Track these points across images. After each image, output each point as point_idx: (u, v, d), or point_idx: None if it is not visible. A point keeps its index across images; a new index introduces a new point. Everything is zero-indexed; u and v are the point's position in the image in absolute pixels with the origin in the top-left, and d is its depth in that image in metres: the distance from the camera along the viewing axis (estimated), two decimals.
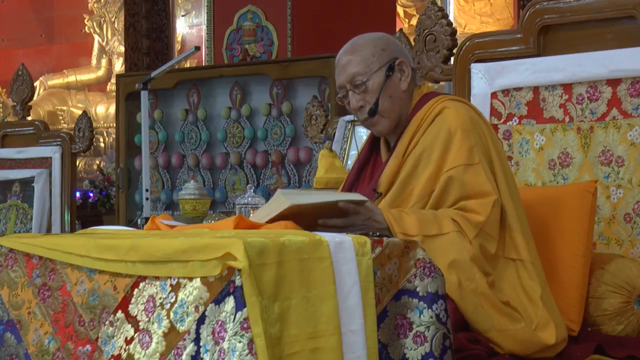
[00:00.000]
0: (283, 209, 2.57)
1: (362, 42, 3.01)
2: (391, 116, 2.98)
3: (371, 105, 2.95)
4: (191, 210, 4.98)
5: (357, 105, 2.98)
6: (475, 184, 2.80)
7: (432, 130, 2.89)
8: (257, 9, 7.06)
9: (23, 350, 2.53)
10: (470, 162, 2.81)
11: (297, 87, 6.62)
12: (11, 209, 6.15)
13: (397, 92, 2.98)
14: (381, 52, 2.98)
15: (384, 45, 3.00)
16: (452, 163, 2.82)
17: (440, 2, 8.16)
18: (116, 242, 2.35)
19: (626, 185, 3.23)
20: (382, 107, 2.96)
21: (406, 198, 2.86)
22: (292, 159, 6.55)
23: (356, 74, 2.96)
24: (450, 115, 2.88)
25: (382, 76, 2.96)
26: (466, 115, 2.89)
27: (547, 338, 2.73)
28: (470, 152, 2.82)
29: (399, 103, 2.98)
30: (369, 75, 2.95)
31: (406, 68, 2.99)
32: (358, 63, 2.96)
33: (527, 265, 2.80)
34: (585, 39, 3.45)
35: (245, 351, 2.05)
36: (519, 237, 2.82)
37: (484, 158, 2.84)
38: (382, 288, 2.32)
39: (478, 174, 2.81)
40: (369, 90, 2.96)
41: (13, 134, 6.27)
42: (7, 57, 9.87)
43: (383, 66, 2.96)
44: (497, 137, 3.01)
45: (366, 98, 2.97)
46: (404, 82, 2.99)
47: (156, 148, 7.18)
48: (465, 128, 2.85)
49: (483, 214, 2.76)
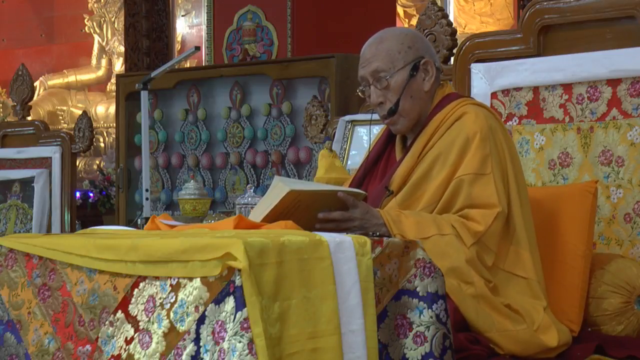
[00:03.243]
0: (282, 195, 2.57)
1: (389, 36, 2.95)
2: (411, 116, 2.94)
3: (391, 105, 2.91)
4: (191, 210, 4.97)
5: (377, 100, 2.94)
6: (482, 195, 2.77)
7: (450, 135, 2.85)
8: (257, 9, 7.05)
9: (23, 350, 2.53)
10: (482, 172, 2.78)
11: (297, 87, 6.61)
12: (11, 209, 6.15)
13: (419, 92, 2.93)
14: (407, 49, 2.92)
15: (411, 43, 2.93)
16: (464, 170, 2.79)
17: (440, 2, 8.16)
18: (116, 242, 2.35)
19: (626, 185, 3.22)
20: (402, 108, 2.91)
21: (417, 200, 2.84)
22: (292, 159, 6.54)
23: (379, 69, 2.91)
24: (469, 122, 2.84)
25: (405, 75, 2.91)
26: (485, 122, 2.85)
27: (548, 340, 2.72)
28: (484, 162, 2.79)
29: (420, 103, 2.94)
30: (392, 73, 2.90)
31: (431, 68, 2.93)
32: (383, 58, 2.90)
33: (532, 284, 2.79)
34: (585, 39, 3.45)
35: (245, 351, 2.05)
36: (527, 254, 2.80)
37: (498, 168, 2.81)
38: (382, 288, 2.32)
39: (487, 184, 2.78)
40: (390, 87, 2.91)
41: (13, 134, 6.26)
42: (7, 57, 9.86)
43: (407, 64, 2.91)
44: (515, 147, 2.97)
45: (387, 95, 2.92)
46: (427, 83, 2.93)
47: (156, 148, 7.17)
48: (483, 136, 2.81)
49: (483, 225, 2.73)
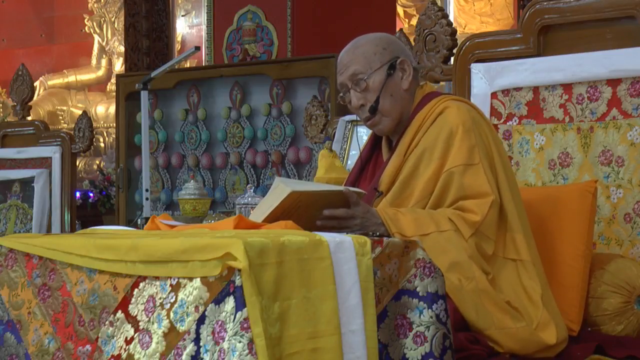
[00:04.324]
0: (284, 197, 2.56)
1: (364, 41, 3.01)
2: (392, 115, 2.98)
3: (372, 104, 2.95)
4: (191, 210, 4.97)
5: (358, 103, 2.98)
6: (474, 185, 2.80)
7: (434, 130, 2.89)
8: (257, 9, 7.05)
9: (23, 350, 2.53)
10: (471, 162, 2.82)
11: (297, 87, 6.61)
12: (11, 209, 6.15)
13: (399, 91, 2.98)
14: (382, 50, 2.98)
15: (385, 44, 3.00)
16: (452, 163, 2.82)
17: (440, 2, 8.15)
18: (116, 242, 2.35)
19: (626, 185, 3.22)
20: (382, 106, 2.96)
21: (407, 198, 2.87)
22: (292, 159, 6.54)
23: (357, 72, 2.96)
24: (451, 115, 2.88)
25: (383, 75, 2.96)
26: (467, 115, 2.89)
27: (547, 338, 2.73)
28: (471, 152, 2.83)
29: (400, 102, 2.98)
30: (369, 73, 2.95)
31: (408, 67, 2.99)
32: (359, 61, 2.96)
33: (528, 266, 2.80)
34: (585, 39, 3.45)
35: (245, 351, 2.05)
36: (520, 237, 2.82)
37: (485, 158, 2.84)
38: (382, 288, 2.32)
39: (478, 174, 2.81)
40: (369, 88, 2.96)
41: (13, 134, 6.26)
42: (7, 57, 9.85)
43: (384, 64, 2.96)
44: (499, 137, 3.02)
45: (367, 96, 2.97)
46: (405, 81, 2.99)
47: (156, 148, 7.17)
48: (467, 128, 2.85)
49: (479, 214, 2.75)
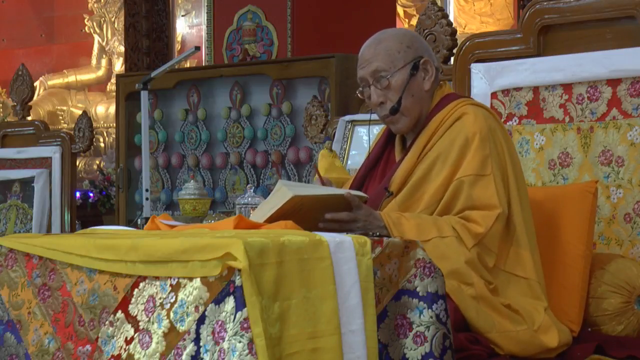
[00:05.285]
0: (285, 200, 2.56)
1: (388, 36, 2.96)
2: (412, 115, 2.94)
3: (393, 104, 2.91)
4: (191, 210, 4.97)
5: (378, 100, 2.94)
6: (483, 196, 2.77)
7: (450, 135, 2.86)
8: (257, 9, 7.05)
9: (23, 350, 2.53)
10: (482, 173, 2.78)
11: (297, 87, 6.61)
12: (11, 209, 6.15)
13: (420, 91, 2.94)
14: (406, 49, 2.93)
15: (409, 42, 2.95)
16: (464, 172, 2.79)
17: (440, 2, 8.16)
18: (116, 242, 2.35)
19: (626, 185, 3.22)
20: (404, 106, 2.91)
21: (416, 201, 2.84)
22: (292, 159, 6.54)
23: (380, 69, 2.91)
24: (469, 122, 2.85)
25: (406, 74, 2.91)
26: (484, 123, 2.85)
27: (549, 341, 2.72)
28: (484, 163, 2.79)
29: (420, 102, 2.94)
30: (392, 72, 2.91)
31: (430, 68, 2.94)
32: (382, 58, 2.91)
33: (533, 285, 2.79)
34: (585, 39, 3.44)
35: (245, 351, 2.05)
36: (527, 254, 2.80)
37: (498, 169, 2.81)
38: (382, 288, 2.32)
39: (488, 185, 2.78)
40: (391, 87, 2.92)
41: (13, 134, 6.26)
42: (7, 57, 9.85)
43: (407, 64, 2.92)
44: (514, 146, 2.97)
45: (388, 95, 2.92)
46: (427, 82, 2.94)
47: (156, 148, 7.17)
48: (483, 137, 2.81)
49: (484, 226, 2.73)
